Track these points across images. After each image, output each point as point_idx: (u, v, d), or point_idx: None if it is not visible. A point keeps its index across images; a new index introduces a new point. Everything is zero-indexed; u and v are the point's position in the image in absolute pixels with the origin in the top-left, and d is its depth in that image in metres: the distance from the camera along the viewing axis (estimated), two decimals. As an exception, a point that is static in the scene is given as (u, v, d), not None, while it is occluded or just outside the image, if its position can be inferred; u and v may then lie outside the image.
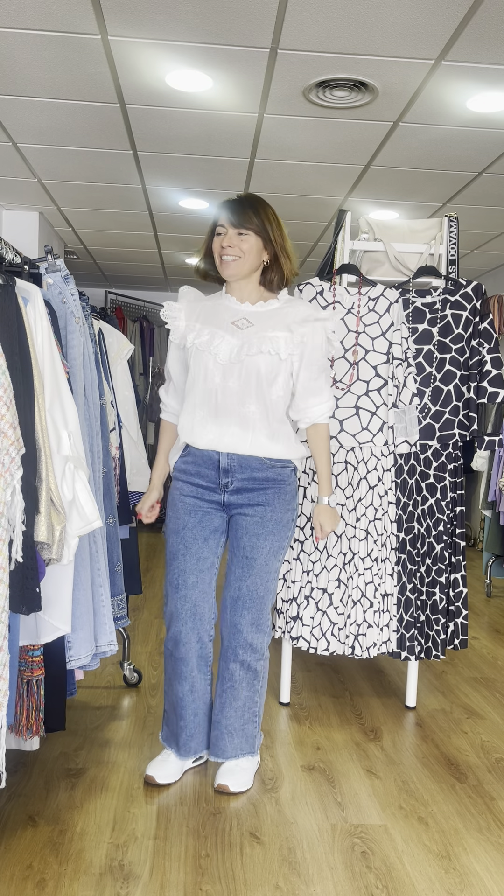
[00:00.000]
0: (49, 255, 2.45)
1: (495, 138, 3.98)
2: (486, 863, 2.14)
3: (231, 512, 2.47)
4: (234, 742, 2.51)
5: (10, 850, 2.12)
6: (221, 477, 2.42)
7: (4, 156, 4.48)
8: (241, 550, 2.45)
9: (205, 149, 4.30)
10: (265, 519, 2.43)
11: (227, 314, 2.44)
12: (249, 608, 2.45)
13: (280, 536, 2.46)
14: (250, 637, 2.47)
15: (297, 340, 2.38)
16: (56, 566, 2.17)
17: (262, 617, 2.49)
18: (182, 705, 2.50)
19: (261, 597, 2.46)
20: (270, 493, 2.44)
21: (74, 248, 6.88)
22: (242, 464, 2.41)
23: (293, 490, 2.49)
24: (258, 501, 2.43)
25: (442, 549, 3.08)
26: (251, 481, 2.42)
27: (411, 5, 2.76)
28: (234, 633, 2.47)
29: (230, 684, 2.50)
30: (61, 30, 3.02)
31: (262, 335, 2.38)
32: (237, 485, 2.42)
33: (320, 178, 4.71)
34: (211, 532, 2.47)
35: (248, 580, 2.44)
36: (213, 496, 2.45)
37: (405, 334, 3.01)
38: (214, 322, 2.42)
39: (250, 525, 2.44)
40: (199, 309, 2.47)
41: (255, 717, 2.55)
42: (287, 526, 2.48)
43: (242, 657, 2.48)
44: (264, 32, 2.99)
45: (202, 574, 2.47)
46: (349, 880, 2.04)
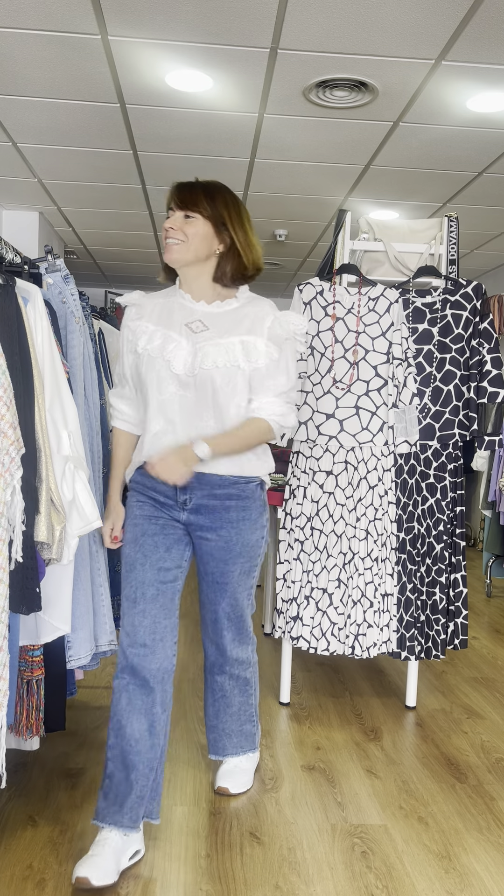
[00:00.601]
0: (49, 255, 2.45)
1: (495, 138, 3.98)
2: (486, 863, 2.14)
3: (193, 533, 2.20)
4: (234, 741, 2.49)
5: (10, 850, 2.12)
6: (179, 494, 2.16)
7: (4, 156, 4.48)
8: (209, 576, 2.24)
9: (205, 149, 4.30)
10: (231, 543, 2.19)
11: (181, 314, 2.17)
12: (229, 627, 2.31)
13: (249, 557, 2.24)
14: (235, 653, 2.36)
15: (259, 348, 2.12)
16: (56, 566, 2.17)
17: (244, 630, 2.35)
18: (136, 751, 2.05)
19: (239, 615, 2.31)
20: (234, 513, 2.17)
21: (74, 248, 6.88)
22: (201, 480, 2.14)
23: (260, 507, 2.24)
24: (221, 525, 2.17)
25: (442, 549, 3.08)
26: (211, 498, 2.16)
27: (411, 5, 2.76)
28: (219, 651, 2.35)
29: (221, 694, 2.42)
30: (61, 30, 3.02)
31: (218, 342, 2.11)
32: (196, 502, 2.16)
33: (320, 178, 4.71)
34: (174, 542, 2.18)
35: (223, 602, 2.26)
36: (173, 513, 2.18)
37: (405, 334, 3.01)
38: (167, 323, 2.16)
39: (215, 550, 2.20)
40: (150, 307, 2.21)
41: (252, 718, 2.51)
42: (256, 546, 2.24)
43: (230, 671, 2.39)
44: (264, 32, 2.99)
45: (164, 587, 2.13)
46: (349, 880, 2.04)
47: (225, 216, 2.14)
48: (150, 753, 2.07)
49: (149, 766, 2.07)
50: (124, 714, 2.07)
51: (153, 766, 2.09)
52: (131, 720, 2.06)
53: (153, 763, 2.08)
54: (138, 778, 2.05)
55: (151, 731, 2.08)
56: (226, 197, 2.16)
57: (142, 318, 2.20)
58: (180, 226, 2.12)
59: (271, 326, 2.15)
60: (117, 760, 2.06)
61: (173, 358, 2.11)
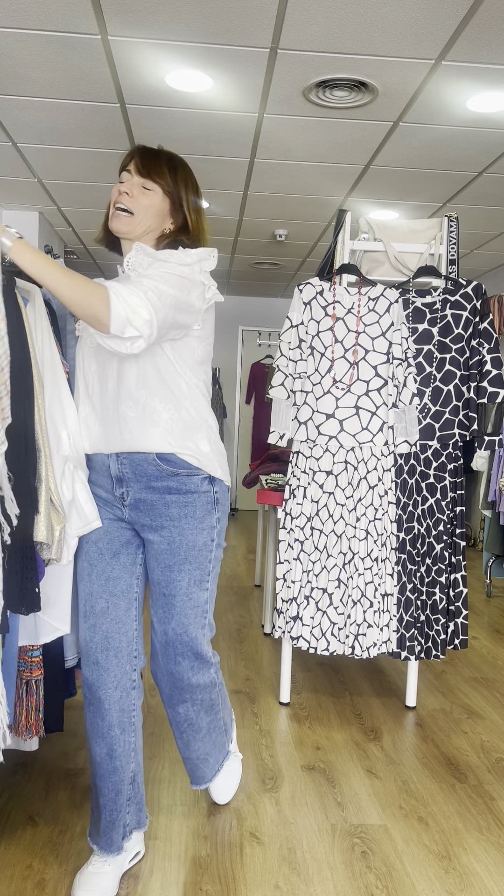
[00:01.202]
0: (49, 255, 2.45)
1: (495, 138, 3.98)
2: (486, 863, 2.14)
3: (141, 535, 2.02)
4: (210, 763, 2.23)
5: (10, 850, 2.12)
6: (115, 487, 1.98)
7: (4, 156, 4.48)
8: (156, 586, 2.00)
9: (205, 149, 4.30)
10: (174, 545, 1.96)
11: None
12: (183, 654, 2.00)
13: (198, 563, 1.98)
14: (193, 680, 2.03)
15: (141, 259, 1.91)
16: (55, 566, 2.17)
17: (202, 656, 2.03)
18: (99, 775, 1.94)
19: (193, 637, 2.00)
20: (174, 509, 1.95)
21: (74, 248, 6.88)
22: (136, 470, 1.94)
23: (207, 504, 1.98)
24: (161, 523, 1.96)
25: (442, 549, 3.08)
26: (150, 492, 1.95)
27: (411, 5, 2.76)
28: (173, 681, 2.03)
29: (187, 725, 2.11)
30: (61, 30, 3.02)
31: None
32: (134, 496, 1.96)
33: (320, 178, 4.71)
34: (122, 545, 2.00)
35: (173, 622, 1.98)
36: (115, 511, 2.01)
37: (405, 334, 3.01)
38: None
39: (160, 554, 1.98)
40: None
41: (222, 727, 2.24)
42: (205, 549, 1.99)
43: (190, 699, 2.07)
44: (264, 32, 2.99)
45: (115, 599, 1.97)
46: (349, 880, 2.04)
47: (183, 196, 1.98)
48: (112, 778, 1.93)
49: (114, 790, 1.94)
50: (89, 735, 1.96)
51: (119, 790, 1.95)
52: (92, 743, 1.95)
53: (119, 786, 1.95)
54: (106, 803, 1.94)
55: (111, 755, 1.93)
56: (187, 174, 2.00)
57: None
58: (137, 194, 1.94)
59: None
60: (91, 779, 1.99)
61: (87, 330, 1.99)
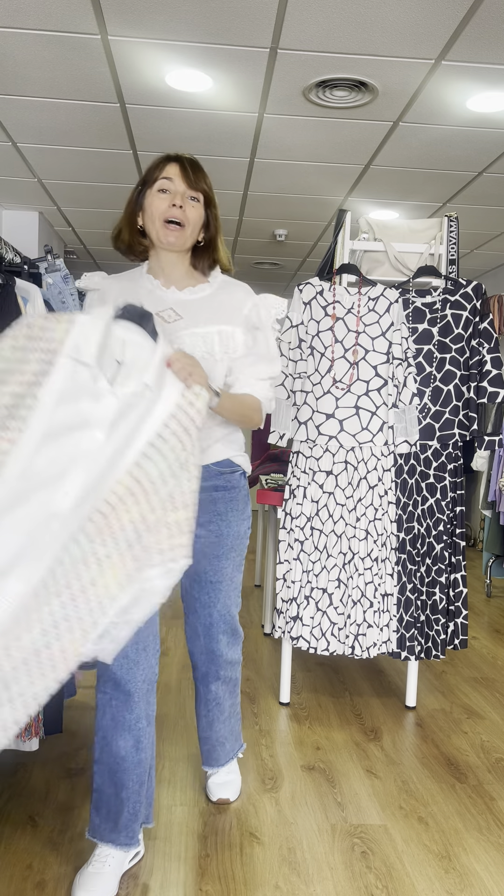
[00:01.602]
0: (49, 255, 2.46)
1: (495, 138, 3.98)
2: (486, 863, 2.14)
3: None
4: (226, 748, 2.41)
5: (10, 850, 2.12)
6: None
7: (4, 156, 4.48)
8: (203, 576, 2.13)
9: (205, 149, 4.30)
10: (221, 536, 2.10)
11: (150, 301, 1.98)
12: (224, 631, 2.21)
13: (240, 550, 2.17)
14: (229, 655, 2.25)
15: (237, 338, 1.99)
16: (56, 566, 2.17)
17: (237, 630, 2.26)
18: (123, 769, 1.96)
19: (233, 615, 2.22)
20: (221, 505, 2.08)
21: (74, 248, 6.88)
22: None
23: (245, 496, 2.16)
24: (209, 518, 2.07)
25: (442, 549, 3.08)
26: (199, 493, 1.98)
27: (411, 5, 2.76)
28: (213, 657, 2.23)
29: (215, 703, 2.30)
30: (61, 30, 3.02)
31: (194, 332, 1.96)
32: None
33: (320, 178, 4.71)
34: None
35: (219, 605, 2.17)
36: None
37: (405, 334, 3.01)
38: None
39: (207, 547, 2.10)
40: (113, 292, 2.01)
41: (238, 713, 2.45)
42: (244, 537, 2.17)
43: (224, 675, 2.28)
44: (264, 32, 2.99)
45: None
46: (349, 880, 2.04)
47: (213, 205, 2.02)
48: (137, 769, 1.97)
49: (138, 781, 1.98)
50: (109, 730, 1.95)
51: (142, 781, 1.99)
52: (116, 738, 1.95)
53: (142, 777, 1.99)
54: (129, 796, 1.97)
55: (138, 747, 1.97)
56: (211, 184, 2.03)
57: (105, 303, 1.96)
58: (186, 206, 1.95)
59: (248, 315, 2.02)
60: (105, 776, 1.97)
61: None
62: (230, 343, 1.98)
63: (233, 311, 2.01)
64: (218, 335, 1.97)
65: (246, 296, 2.04)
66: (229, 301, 2.02)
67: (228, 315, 2.00)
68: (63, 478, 1.65)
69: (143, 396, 1.70)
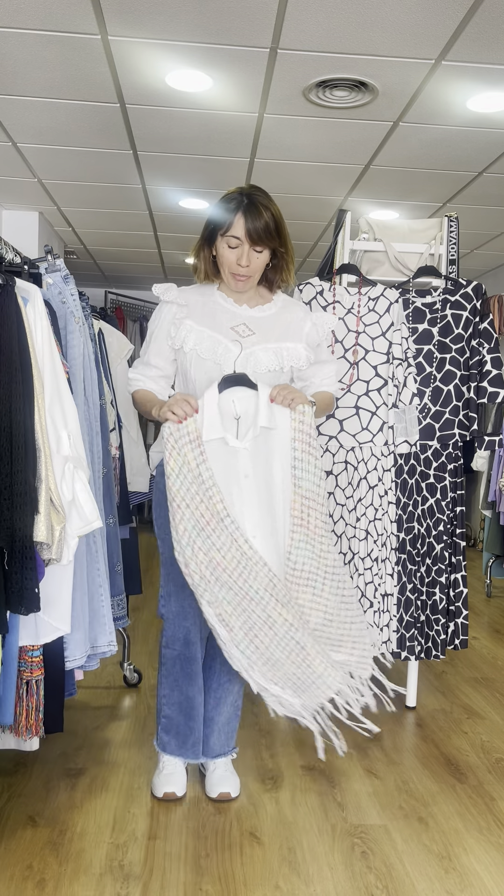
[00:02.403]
0: (49, 255, 2.45)
1: (495, 138, 3.98)
2: (486, 863, 2.13)
3: None
4: (221, 739, 2.50)
5: (10, 850, 2.12)
6: None
7: (4, 156, 4.48)
8: None
9: (205, 149, 4.30)
10: None
11: (225, 317, 2.31)
12: None
13: None
14: None
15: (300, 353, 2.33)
16: (55, 566, 2.17)
17: None
18: (192, 706, 2.43)
19: None
20: None
21: (74, 248, 6.88)
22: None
23: None
24: None
25: (442, 549, 3.08)
26: None
27: (411, 5, 2.76)
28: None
29: (227, 678, 2.47)
30: (61, 30, 3.02)
31: (266, 347, 2.30)
32: None
33: (320, 178, 4.71)
34: None
35: None
36: None
37: (405, 334, 3.01)
38: (211, 325, 2.30)
39: None
40: (191, 303, 2.32)
41: (238, 711, 2.56)
42: None
43: None
44: (264, 32, 2.99)
45: None
46: (349, 880, 2.04)
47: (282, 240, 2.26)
48: (201, 708, 2.43)
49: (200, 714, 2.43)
50: (181, 677, 2.41)
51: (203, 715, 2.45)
52: (184, 686, 2.41)
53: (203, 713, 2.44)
54: (195, 727, 2.43)
55: (200, 691, 2.43)
56: (279, 217, 2.25)
57: (186, 316, 2.30)
58: (251, 260, 2.23)
59: (309, 332, 2.37)
60: (174, 707, 2.43)
61: (224, 361, 2.26)
62: (295, 357, 2.33)
63: (296, 330, 2.36)
64: (286, 351, 2.31)
65: (305, 315, 2.39)
66: (292, 320, 2.37)
67: (293, 333, 2.35)
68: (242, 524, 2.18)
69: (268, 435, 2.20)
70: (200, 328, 2.29)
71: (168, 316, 2.32)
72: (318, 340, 2.40)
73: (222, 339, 2.28)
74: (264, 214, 2.20)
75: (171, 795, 2.39)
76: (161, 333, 2.33)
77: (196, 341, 2.27)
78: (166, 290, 2.33)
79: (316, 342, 2.40)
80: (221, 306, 2.33)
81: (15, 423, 1.97)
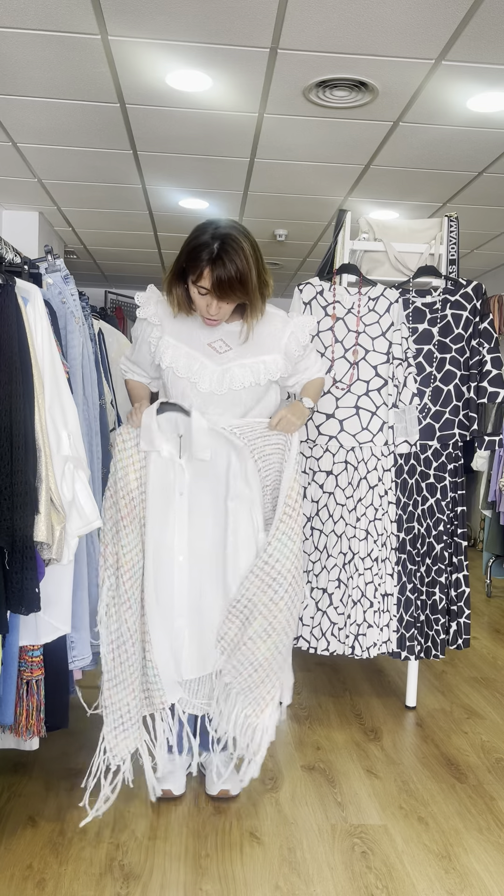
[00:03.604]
0: (49, 255, 2.46)
1: (495, 138, 3.98)
2: (486, 863, 2.14)
3: None
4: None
5: (10, 850, 2.12)
6: None
7: (4, 156, 4.48)
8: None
9: (205, 149, 4.30)
10: None
11: (202, 333, 2.29)
12: None
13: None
14: None
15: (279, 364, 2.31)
16: (56, 566, 2.17)
17: None
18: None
19: None
20: None
21: (74, 248, 6.88)
22: None
23: None
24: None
25: (442, 549, 3.08)
26: None
27: (411, 5, 2.76)
28: None
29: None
30: (61, 30, 3.02)
31: (243, 363, 2.27)
32: None
33: (320, 178, 4.71)
34: None
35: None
36: None
37: (405, 334, 3.01)
38: (188, 341, 2.28)
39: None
40: (168, 319, 2.30)
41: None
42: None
43: None
44: (264, 32, 2.99)
45: None
46: (349, 880, 2.04)
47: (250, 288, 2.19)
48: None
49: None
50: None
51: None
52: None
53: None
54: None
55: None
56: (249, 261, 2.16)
57: (163, 335, 2.29)
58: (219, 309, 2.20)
59: (287, 343, 2.34)
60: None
61: (199, 379, 2.25)
62: (273, 369, 2.31)
63: (274, 342, 2.32)
64: (263, 364, 2.30)
65: (283, 325, 2.35)
66: (270, 332, 2.33)
67: (270, 346, 2.32)
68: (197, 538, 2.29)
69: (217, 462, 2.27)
70: (178, 344, 2.28)
71: (145, 335, 2.34)
72: (297, 351, 2.37)
73: (198, 356, 2.27)
74: (230, 269, 2.12)
75: (169, 793, 2.40)
76: (143, 346, 2.36)
77: (172, 358, 2.27)
78: (145, 304, 2.31)
79: (295, 354, 2.36)
80: (199, 323, 2.30)
81: (15, 423, 1.97)
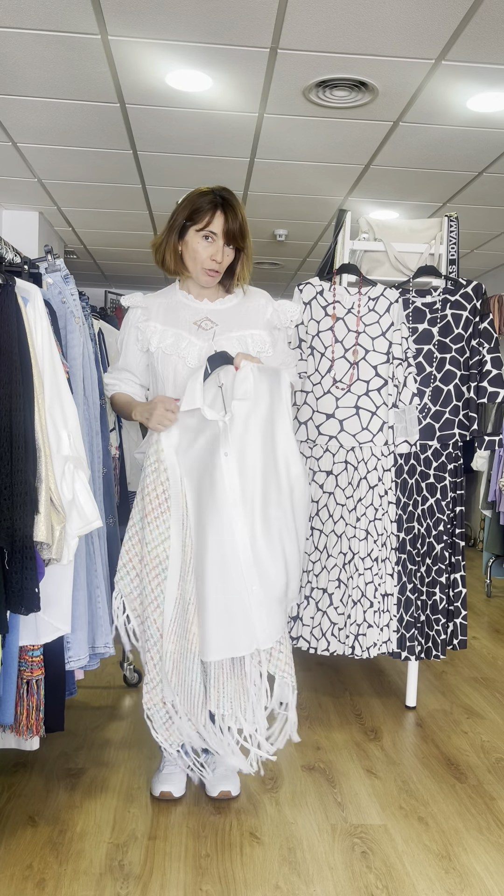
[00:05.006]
0: (49, 255, 2.45)
1: (495, 138, 3.98)
2: (486, 863, 2.13)
3: None
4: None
5: (10, 850, 2.12)
6: None
7: (4, 156, 4.48)
8: None
9: (205, 149, 4.30)
10: None
11: (187, 313, 2.36)
12: None
13: None
14: None
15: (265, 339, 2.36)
16: (56, 566, 2.17)
17: None
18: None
19: None
20: None
21: (74, 248, 6.88)
22: None
23: None
24: None
25: (442, 549, 3.08)
26: None
27: (411, 5, 2.76)
28: None
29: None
30: (61, 30, 3.02)
31: (230, 336, 2.34)
32: None
33: (320, 178, 4.71)
34: None
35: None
36: None
37: (405, 334, 3.01)
38: (175, 322, 2.35)
39: None
40: (154, 307, 2.39)
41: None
42: None
43: None
44: (264, 32, 2.99)
45: None
46: (349, 880, 2.04)
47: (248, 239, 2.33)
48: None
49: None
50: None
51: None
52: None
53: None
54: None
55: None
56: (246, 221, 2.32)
57: (149, 318, 2.36)
58: (222, 257, 2.29)
59: (271, 318, 2.40)
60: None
61: (188, 354, 2.30)
62: (259, 343, 2.36)
63: (258, 317, 2.38)
64: (250, 338, 2.35)
65: (267, 302, 2.41)
66: (254, 308, 2.39)
67: (254, 320, 2.38)
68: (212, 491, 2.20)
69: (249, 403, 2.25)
70: (164, 327, 2.35)
71: (133, 320, 2.39)
72: (279, 325, 2.41)
73: (185, 335, 2.33)
74: (239, 216, 2.29)
75: (168, 795, 2.39)
76: (130, 339, 2.41)
77: (160, 339, 2.33)
78: (131, 297, 2.42)
79: (275, 326, 2.40)
80: (183, 304, 2.38)
81: (15, 422, 1.97)
